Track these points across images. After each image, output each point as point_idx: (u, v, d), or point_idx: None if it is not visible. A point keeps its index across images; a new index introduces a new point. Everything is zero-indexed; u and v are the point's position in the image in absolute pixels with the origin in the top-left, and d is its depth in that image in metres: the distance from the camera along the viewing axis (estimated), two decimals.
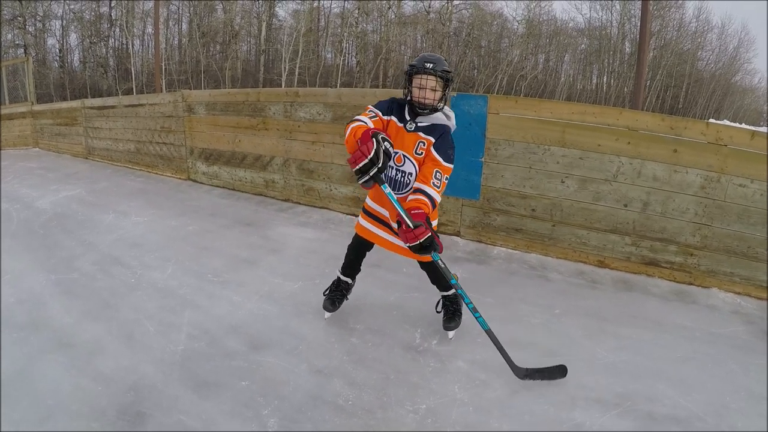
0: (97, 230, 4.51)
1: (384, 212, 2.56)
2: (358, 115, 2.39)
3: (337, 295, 2.82)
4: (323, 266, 3.58)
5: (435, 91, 2.37)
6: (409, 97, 2.42)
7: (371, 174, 2.13)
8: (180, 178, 6.67)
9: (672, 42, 36.88)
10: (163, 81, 27.23)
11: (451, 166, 2.42)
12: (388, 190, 2.24)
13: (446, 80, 2.39)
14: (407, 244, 2.22)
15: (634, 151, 3.45)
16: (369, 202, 2.63)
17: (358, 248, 2.76)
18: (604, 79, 39.34)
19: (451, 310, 2.69)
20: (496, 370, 2.41)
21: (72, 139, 9.22)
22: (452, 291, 2.68)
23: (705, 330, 2.88)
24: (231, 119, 5.71)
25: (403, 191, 2.45)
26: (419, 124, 2.42)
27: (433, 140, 2.39)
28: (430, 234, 2.19)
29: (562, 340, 2.70)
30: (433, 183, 2.33)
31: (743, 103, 41.80)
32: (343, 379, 2.35)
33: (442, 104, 2.43)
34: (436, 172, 2.36)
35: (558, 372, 2.33)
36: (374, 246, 2.70)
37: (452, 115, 2.51)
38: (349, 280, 2.86)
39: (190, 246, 4.08)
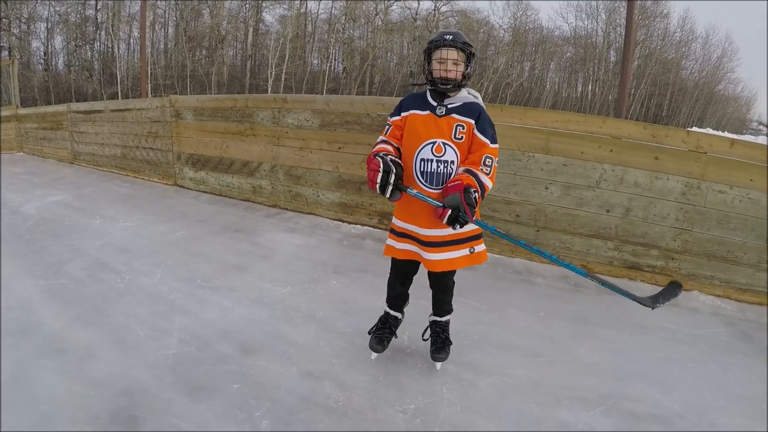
0: (84, 235, 4.50)
1: (414, 228, 2.28)
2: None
3: (385, 332, 2.52)
4: (312, 272, 3.63)
5: (457, 64, 2.13)
6: (429, 78, 2.18)
7: (391, 183, 2.06)
8: (167, 184, 6.67)
9: (656, 51, 37.52)
10: (149, 85, 27.08)
11: (497, 146, 2.20)
12: (414, 191, 2.12)
13: (468, 54, 2.15)
14: (443, 221, 2.05)
15: (617, 159, 3.54)
16: (397, 221, 2.36)
17: (401, 273, 2.47)
18: (589, 88, 39.92)
19: (441, 339, 2.46)
20: (483, 372, 2.46)
21: (57, 144, 9.17)
22: (446, 318, 2.50)
23: (686, 332, 2.97)
24: (219, 125, 5.72)
25: None
26: (449, 106, 2.18)
27: (473, 122, 2.15)
28: (450, 211, 2.01)
29: (546, 342, 2.77)
30: (483, 169, 2.11)
31: (726, 112, 42.68)
32: (334, 381, 2.38)
33: (466, 81, 2.19)
34: (486, 157, 2.13)
35: (676, 289, 2.19)
36: (418, 269, 2.44)
37: (479, 95, 2.28)
38: (399, 315, 2.56)
39: (179, 252, 4.08)
